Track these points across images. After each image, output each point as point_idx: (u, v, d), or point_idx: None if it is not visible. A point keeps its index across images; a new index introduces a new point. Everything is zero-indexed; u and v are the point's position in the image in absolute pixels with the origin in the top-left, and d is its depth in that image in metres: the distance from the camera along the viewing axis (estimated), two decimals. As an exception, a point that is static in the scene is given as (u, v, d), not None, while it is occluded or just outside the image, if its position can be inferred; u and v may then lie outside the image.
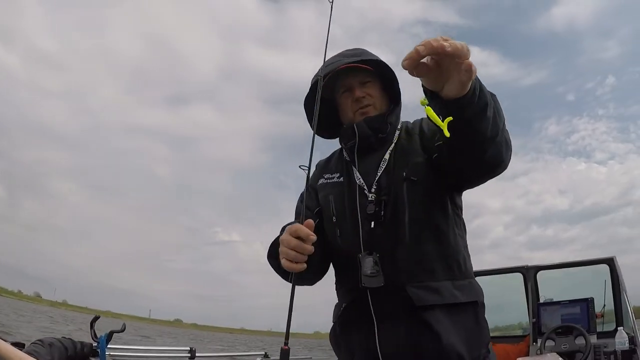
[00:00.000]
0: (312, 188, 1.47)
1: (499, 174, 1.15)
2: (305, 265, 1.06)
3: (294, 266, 1.05)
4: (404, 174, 1.27)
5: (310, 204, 1.43)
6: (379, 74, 1.39)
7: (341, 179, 1.39)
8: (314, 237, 1.05)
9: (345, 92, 1.40)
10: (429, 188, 1.25)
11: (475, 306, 1.24)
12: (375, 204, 1.27)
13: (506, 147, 1.09)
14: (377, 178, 1.31)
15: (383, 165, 1.32)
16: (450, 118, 0.91)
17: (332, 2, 1.45)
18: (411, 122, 1.44)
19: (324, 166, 1.50)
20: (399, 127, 1.40)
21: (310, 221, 1.06)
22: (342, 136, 1.44)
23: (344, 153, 1.44)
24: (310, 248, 1.04)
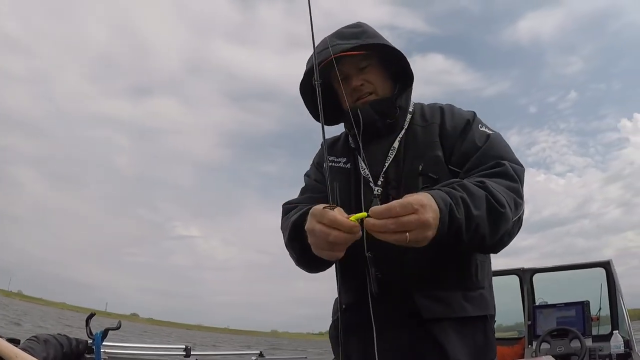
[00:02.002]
0: (319, 165, 1.36)
1: None
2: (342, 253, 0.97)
3: (334, 254, 0.96)
4: (420, 167, 1.14)
5: (322, 180, 1.31)
6: (379, 53, 1.24)
7: (348, 165, 1.26)
8: (358, 228, 0.92)
9: (342, 80, 1.25)
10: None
11: (485, 320, 1.15)
12: (381, 198, 1.14)
13: (508, 238, 1.05)
14: (384, 169, 1.18)
15: (391, 155, 1.19)
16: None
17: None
18: (427, 104, 1.30)
19: (330, 147, 1.34)
20: (410, 110, 1.26)
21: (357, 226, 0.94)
22: (346, 121, 1.30)
23: (349, 139, 1.32)
24: (353, 238, 0.93)
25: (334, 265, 1.27)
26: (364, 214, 0.89)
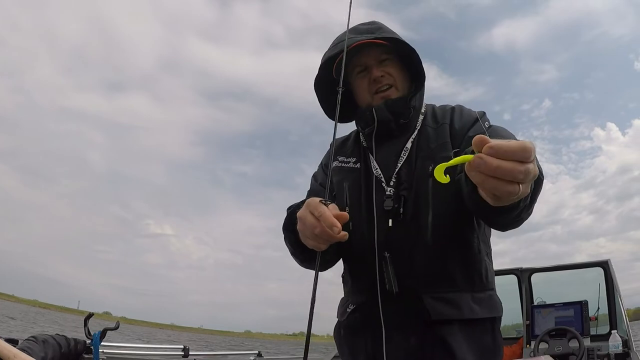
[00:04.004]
0: (326, 167, 1.34)
1: None
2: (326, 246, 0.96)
3: (319, 246, 0.96)
4: (431, 168, 1.11)
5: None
6: (397, 50, 1.22)
7: (358, 165, 1.24)
8: (338, 229, 0.91)
9: (361, 72, 1.24)
10: (457, 187, 1.04)
11: (494, 322, 1.14)
12: (394, 199, 1.13)
13: (526, 218, 0.99)
14: (397, 170, 1.17)
15: (404, 156, 1.18)
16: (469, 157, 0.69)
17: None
18: (438, 106, 1.29)
19: (340, 147, 1.33)
20: (422, 110, 1.25)
21: (345, 215, 0.94)
22: (359, 119, 1.27)
23: (361, 138, 1.29)
24: (337, 237, 0.91)
25: (339, 265, 1.28)
26: (469, 156, 0.69)
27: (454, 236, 1.12)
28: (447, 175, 0.71)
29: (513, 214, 0.88)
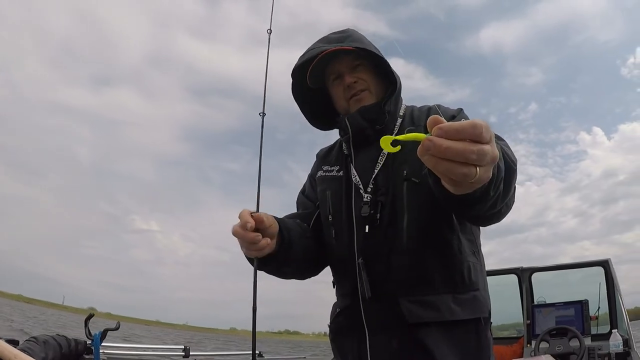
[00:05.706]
0: (312, 178, 1.37)
1: None
2: (260, 252, 1.02)
3: (249, 253, 1.04)
4: (405, 172, 1.13)
5: (312, 196, 1.35)
6: (370, 56, 1.23)
7: (340, 173, 1.26)
8: (248, 228, 0.97)
9: (335, 80, 1.27)
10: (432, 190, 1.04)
11: (478, 323, 1.13)
12: (370, 205, 1.15)
13: (506, 209, 0.96)
14: (373, 176, 1.19)
15: (381, 161, 1.19)
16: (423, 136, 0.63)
17: (271, 32, 1.32)
18: (418, 107, 1.29)
19: (324, 156, 1.37)
20: (401, 113, 1.26)
21: (259, 217, 1.00)
22: (338, 127, 1.30)
23: (343, 146, 1.31)
24: (249, 236, 0.98)
25: (329, 269, 1.33)
26: (422, 135, 0.63)
27: (432, 238, 1.12)
28: (398, 146, 0.66)
29: (485, 205, 0.84)
